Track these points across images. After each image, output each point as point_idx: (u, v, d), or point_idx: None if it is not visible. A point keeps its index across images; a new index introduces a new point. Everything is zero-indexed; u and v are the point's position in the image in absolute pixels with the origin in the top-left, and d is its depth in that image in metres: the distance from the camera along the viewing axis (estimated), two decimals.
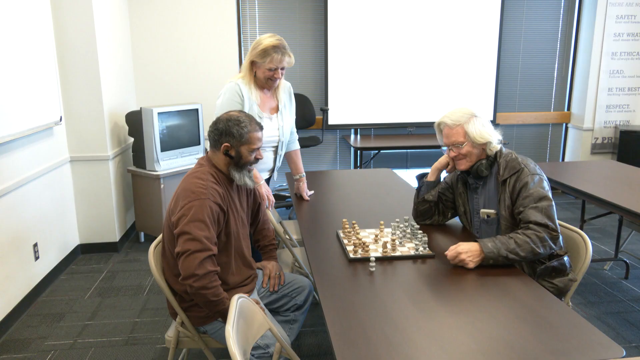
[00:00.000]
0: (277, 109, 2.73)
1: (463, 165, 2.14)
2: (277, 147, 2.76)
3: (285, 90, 2.78)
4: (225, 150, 2.00)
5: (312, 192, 2.93)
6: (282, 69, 2.57)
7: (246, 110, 2.56)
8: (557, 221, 2.03)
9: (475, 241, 1.91)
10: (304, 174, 2.90)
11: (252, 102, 2.59)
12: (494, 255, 1.86)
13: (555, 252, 2.07)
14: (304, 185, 2.88)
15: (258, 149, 2.05)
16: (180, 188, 1.98)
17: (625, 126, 5.38)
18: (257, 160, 2.07)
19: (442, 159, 2.25)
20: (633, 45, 5.24)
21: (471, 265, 1.86)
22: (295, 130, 2.89)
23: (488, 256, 1.86)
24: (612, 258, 3.79)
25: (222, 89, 2.63)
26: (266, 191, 2.57)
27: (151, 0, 4.67)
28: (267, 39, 2.52)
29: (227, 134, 1.99)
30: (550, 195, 2.00)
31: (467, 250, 1.88)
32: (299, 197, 2.86)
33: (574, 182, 3.15)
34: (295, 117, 2.87)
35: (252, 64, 2.58)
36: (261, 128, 2.06)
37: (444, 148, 2.20)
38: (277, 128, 2.71)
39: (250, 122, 2.02)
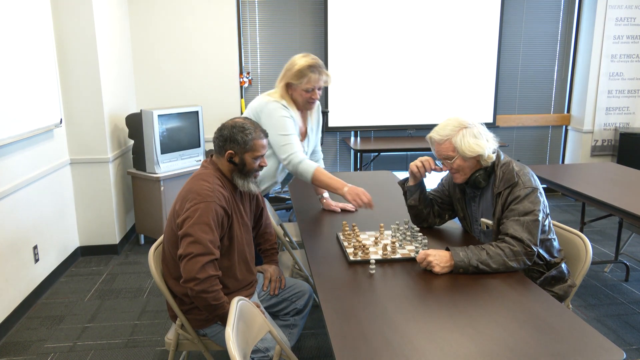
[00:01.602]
0: (305, 134, 2.66)
1: (458, 179, 2.11)
2: None
3: (316, 109, 2.71)
4: (229, 157, 1.99)
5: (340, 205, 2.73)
6: (319, 89, 2.49)
7: None
8: (556, 235, 2.01)
9: (447, 249, 1.90)
10: (327, 193, 2.73)
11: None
12: (464, 265, 1.84)
13: (553, 261, 2.07)
14: (330, 201, 2.70)
15: (262, 156, 2.04)
16: (185, 190, 1.97)
17: (625, 128, 5.39)
18: (261, 167, 2.06)
19: (412, 164, 2.19)
20: (633, 47, 5.25)
21: (437, 269, 1.84)
22: (320, 148, 2.82)
23: (458, 265, 1.84)
24: (612, 260, 3.79)
25: (268, 108, 2.46)
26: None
27: (151, 3, 4.69)
28: (302, 59, 2.45)
29: (231, 140, 1.98)
30: (541, 210, 1.96)
31: (435, 254, 1.87)
32: (310, 201, 2.77)
33: (573, 184, 3.15)
34: (321, 135, 2.77)
35: (288, 86, 2.50)
36: (266, 135, 2.05)
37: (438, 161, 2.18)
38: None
39: (255, 129, 2.00)
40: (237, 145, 1.98)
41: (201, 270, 1.82)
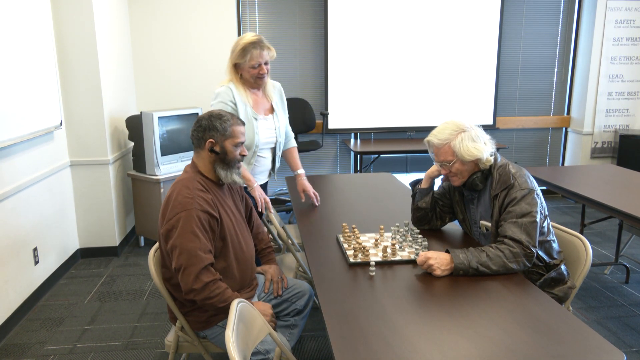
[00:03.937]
0: (271, 110, 2.73)
1: (456, 182, 2.12)
2: (274, 147, 2.76)
3: (276, 90, 2.78)
4: (210, 146, 2.00)
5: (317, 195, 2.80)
6: (266, 63, 2.56)
7: (241, 113, 2.56)
8: (555, 237, 2.00)
9: (447, 251, 1.90)
10: (303, 170, 2.83)
11: (245, 104, 2.59)
12: (464, 267, 1.84)
13: (552, 262, 2.07)
14: (305, 181, 2.78)
15: (242, 143, 2.06)
16: (167, 198, 1.98)
17: (625, 130, 5.39)
18: (242, 157, 2.07)
19: (434, 168, 2.22)
20: (632, 49, 5.25)
21: (438, 272, 1.84)
22: (290, 128, 2.88)
23: (458, 267, 1.84)
24: (612, 262, 3.79)
25: (214, 95, 2.62)
26: (260, 194, 2.52)
27: (152, 5, 4.69)
28: (244, 38, 2.53)
29: (210, 128, 1.99)
30: (538, 211, 1.96)
31: (436, 257, 1.87)
32: (309, 201, 2.77)
33: (573, 186, 3.15)
34: (288, 115, 2.85)
35: (236, 66, 2.58)
36: (243, 123, 2.08)
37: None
38: (274, 129, 2.72)
39: (232, 117, 2.04)
40: (217, 132, 1.99)
41: (196, 280, 1.83)
